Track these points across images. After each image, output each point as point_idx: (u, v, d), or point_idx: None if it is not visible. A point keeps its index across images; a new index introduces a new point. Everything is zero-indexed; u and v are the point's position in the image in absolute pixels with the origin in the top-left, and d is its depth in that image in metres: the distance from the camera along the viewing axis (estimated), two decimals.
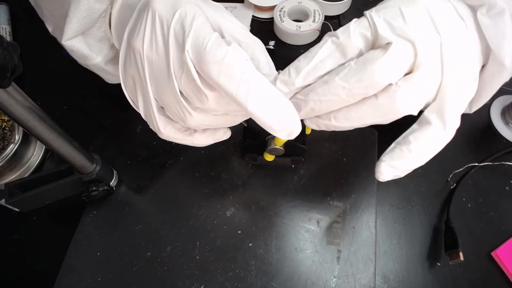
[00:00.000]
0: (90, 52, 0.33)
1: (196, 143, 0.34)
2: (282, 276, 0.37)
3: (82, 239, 0.39)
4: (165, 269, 0.38)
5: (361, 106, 0.29)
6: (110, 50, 0.35)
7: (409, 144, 0.29)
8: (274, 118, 0.27)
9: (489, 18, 0.29)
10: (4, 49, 0.22)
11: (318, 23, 0.53)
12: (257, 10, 0.57)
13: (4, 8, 0.57)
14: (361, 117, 0.30)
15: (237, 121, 0.32)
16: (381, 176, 0.30)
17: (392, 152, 0.30)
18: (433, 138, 0.29)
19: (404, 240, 0.40)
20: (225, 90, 0.26)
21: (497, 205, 0.41)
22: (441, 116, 0.29)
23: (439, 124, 0.29)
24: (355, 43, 0.29)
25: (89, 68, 0.36)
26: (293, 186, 0.42)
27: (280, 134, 0.28)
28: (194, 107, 0.30)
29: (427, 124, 0.29)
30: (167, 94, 0.29)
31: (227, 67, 0.26)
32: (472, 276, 0.38)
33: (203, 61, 0.26)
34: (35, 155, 0.44)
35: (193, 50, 0.27)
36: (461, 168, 0.42)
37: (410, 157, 0.29)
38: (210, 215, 0.40)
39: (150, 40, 0.28)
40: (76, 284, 0.37)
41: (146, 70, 0.29)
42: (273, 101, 0.27)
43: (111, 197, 0.41)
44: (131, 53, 0.29)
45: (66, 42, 0.32)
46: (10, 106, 0.26)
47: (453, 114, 0.29)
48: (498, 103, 0.47)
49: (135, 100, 0.32)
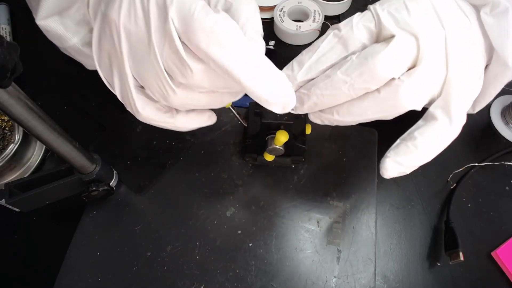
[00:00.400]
0: (66, 32, 0.31)
1: (178, 126, 0.31)
2: (282, 276, 0.37)
3: (82, 239, 0.39)
4: (165, 269, 0.38)
5: (363, 101, 0.29)
6: (89, 33, 0.33)
7: (414, 140, 0.28)
8: (269, 91, 0.26)
9: (492, 17, 0.29)
10: (4, 49, 0.22)
11: (318, 23, 0.53)
12: None
13: (4, 8, 0.57)
14: (364, 112, 0.29)
15: (224, 101, 0.30)
16: (386, 172, 0.29)
17: (397, 148, 0.29)
18: (440, 134, 0.28)
19: (404, 240, 0.40)
20: (216, 60, 0.25)
21: (497, 205, 0.41)
22: (447, 111, 0.28)
23: (445, 119, 0.28)
24: (358, 36, 0.29)
25: (67, 52, 0.34)
26: (293, 186, 0.42)
27: (274, 107, 0.27)
28: (178, 83, 0.27)
29: (433, 120, 0.28)
30: (147, 69, 0.27)
31: (218, 35, 0.24)
32: (472, 276, 0.38)
33: (190, 30, 0.25)
34: (35, 155, 0.44)
35: (178, 17, 0.25)
36: (461, 168, 0.42)
37: (416, 153, 0.28)
38: (210, 215, 0.40)
39: (128, 9, 0.26)
40: (76, 284, 0.37)
41: (123, 43, 0.27)
42: (267, 73, 0.26)
43: (111, 197, 0.41)
44: (106, 26, 0.27)
45: (40, 21, 0.30)
46: (10, 106, 0.26)
47: (459, 109, 0.28)
48: (498, 103, 0.47)
49: (110, 79, 0.29)
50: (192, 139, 0.45)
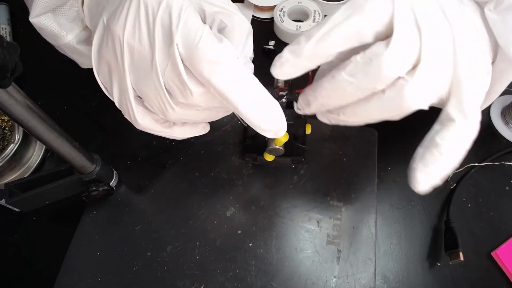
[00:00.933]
0: (60, 29, 0.32)
1: (174, 136, 0.33)
2: (282, 276, 0.37)
3: (82, 239, 0.39)
4: (165, 269, 0.38)
5: (369, 101, 0.28)
6: (83, 31, 0.33)
7: (438, 146, 0.27)
8: (263, 118, 0.27)
9: (496, 14, 0.28)
10: (4, 49, 0.22)
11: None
12: (257, 10, 0.57)
13: (4, 8, 0.57)
14: (369, 113, 0.29)
15: (218, 116, 0.32)
16: (419, 186, 0.28)
17: (424, 158, 0.28)
18: (460, 135, 0.27)
19: (404, 240, 0.40)
20: (217, 89, 0.26)
21: (497, 205, 0.41)
22: (462, 110, 0.27)
23: (462, 119, 0.27)
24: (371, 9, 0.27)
25: (61, 51, 0.34)
26: (293, 186, 0.42)
27: (267, 133, 0.28)
28: (177, 102, 0.29)
29: (450, 122, 0.27)
30: (147, 85, 0.28)
31: (220, 65, 0.26)
32: (472, 276, 0.38)
33: (194, 58, 0.26)
34: (35, 155, 0.44)
35: (183, 44, 0.26)
36: (461, 168, 0.42)
37: (443, 160, 0.27)
38: (210, 215, 0.40)
39: (133, 27, 0.27)
40: (76, 284, 0.37)
41: (126, 58, 0.27)
42: (262, 101, 0.27)
43: (111, 197, 0.41)
44: (109, 38, 0.28)
45: (34, 19, 0.30)
46: (10, 106, 0.26)
47: (474, 107, 0.27)
48: (498, 103, 0.47)
49: (108, 87, 0.30)
50: (192, 139, 0.45)
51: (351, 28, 0.27)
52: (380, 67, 0.26)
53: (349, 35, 0.27)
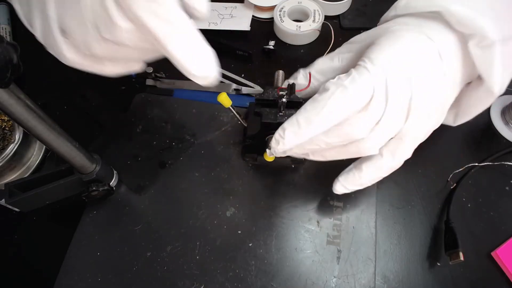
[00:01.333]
0: None
1: (105, 72, 0.31)
2: (282, 276, 0.37)
3: (82, 239, 0.39)
4: (165, 269, 0.38)
5: (332, 149, 0.34)
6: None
7: (361, 172, 0.35)
8: (193, 63, 0.26)
9: (479, 49, 0.30)
10: (4, 49, 0.22)
11: (318, 23, 0.53)
12: (257, 10, 0.57)
13: (4, 8, 0.57)
14: (333, 156, 0.35)
15: (147, 57, 0.30)
16: (336, 191, 0.37)
17: (347, 175, 0.36)
18: (382, 169, 0.35)
19: (404, 240, 0.40)
20: (147, 27, 0.24)
21: (497, 205, 0.41)
22: (394, 153, 0.33)
23: (389, 158, 0.34)
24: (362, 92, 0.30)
25: None
26: (293, 186, 0.42)
27: (196, 79, 0.27)
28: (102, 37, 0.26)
29: (379, 156, 0.34)
30: (72, 18, 0.26)
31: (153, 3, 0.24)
32: (472, 276, 0.38)
33: None
34: (35, 155, 0.44)
35: None
36: (461, 168, 0.42)
37: (359, 183, 0.36)
38: (210, 215, 0.40)
39: None
40: (76, 284, 0.37)
41: None
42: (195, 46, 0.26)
43: (111, 197, 0.41)
44: None
45: None
46: (10, 106, 0.26)
47: (405, 152, 0.33)
48: (498, 103, 0.47)
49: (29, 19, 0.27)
50: (192, 139, 0.45)
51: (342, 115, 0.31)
52: (352, 133, 0.31)
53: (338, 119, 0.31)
